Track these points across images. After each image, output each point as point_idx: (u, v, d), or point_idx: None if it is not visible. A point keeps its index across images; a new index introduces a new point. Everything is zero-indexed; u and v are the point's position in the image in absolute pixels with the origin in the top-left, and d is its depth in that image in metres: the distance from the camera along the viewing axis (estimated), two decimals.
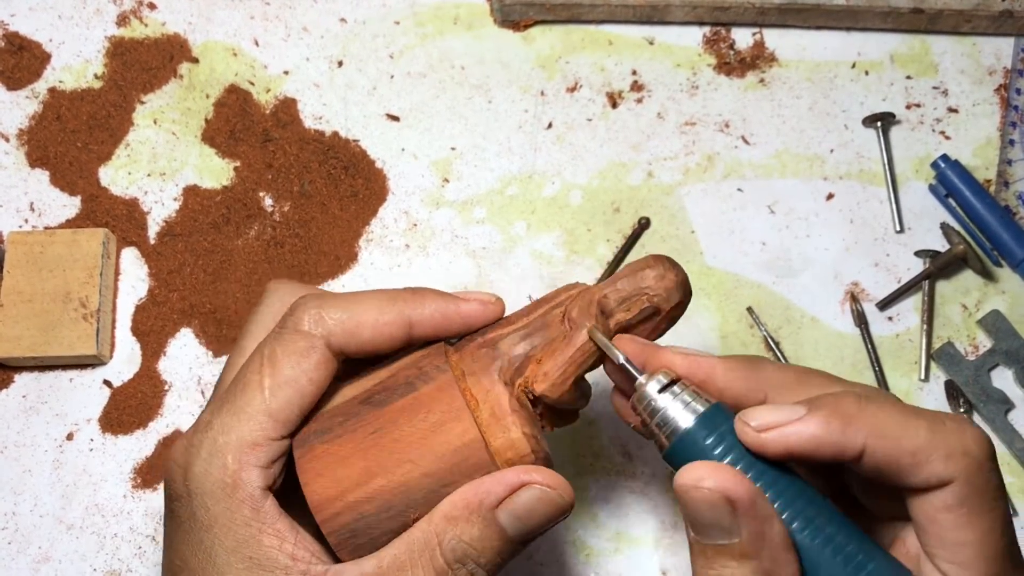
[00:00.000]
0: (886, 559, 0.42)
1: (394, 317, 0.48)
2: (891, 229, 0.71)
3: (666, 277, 0.48)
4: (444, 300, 0.49)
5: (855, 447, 0.41)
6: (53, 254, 0.66)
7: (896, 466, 0.41)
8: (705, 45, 0.75)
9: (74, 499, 0.64)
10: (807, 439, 0.41)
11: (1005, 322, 0.68)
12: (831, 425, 0.41)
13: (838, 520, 0.42)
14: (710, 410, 0.43)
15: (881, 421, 0.42)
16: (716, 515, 0.41)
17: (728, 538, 0.41)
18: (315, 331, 0.47)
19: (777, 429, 0.42)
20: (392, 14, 0.75)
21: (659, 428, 0.44)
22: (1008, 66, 0.75)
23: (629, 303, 0.48)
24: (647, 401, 0.44)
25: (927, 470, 0.41)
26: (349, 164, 0.71)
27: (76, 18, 0.74)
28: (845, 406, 0.42)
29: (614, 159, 0.72)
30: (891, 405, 0.43)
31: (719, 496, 0.41)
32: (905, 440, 0.41)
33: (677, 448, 0.43)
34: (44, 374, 0.66)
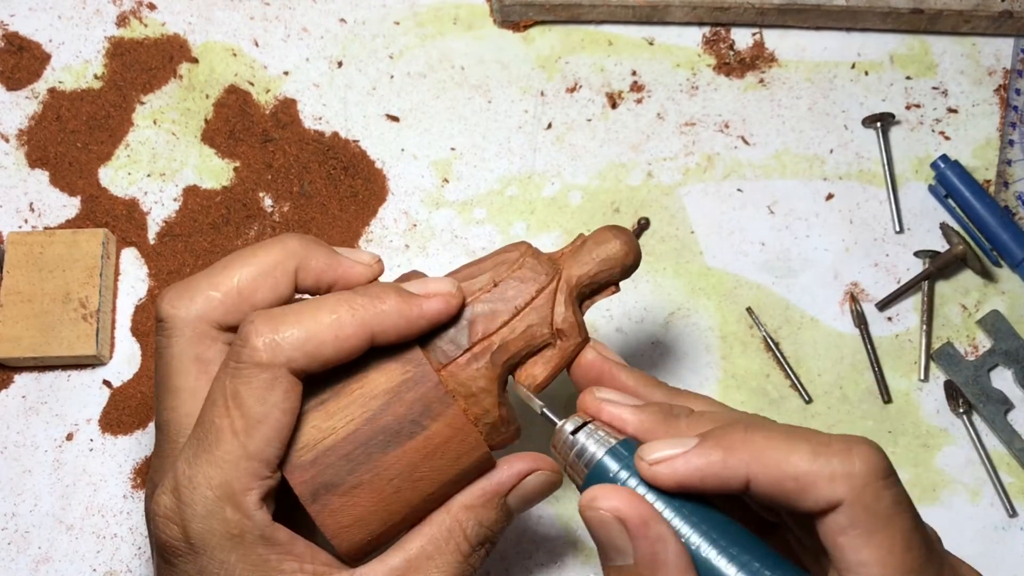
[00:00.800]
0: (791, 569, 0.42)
1: (355, 330, 0.46)
2: (891, 229, 0.71)
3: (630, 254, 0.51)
4: (405, 302, 0.47)
5: (739, 477, 0.42)
6: (53, 254, 0.66)
7: (782, 493, 0.41)
8: (705, 45, 0.75)
9: (74, 499, 0.64)
10: (693, 471, 0.42)
11: (1005, 322, 0.68)
12: (713, 456, 0.42)
13: (744, 539, 0.43)
14: (621, 443, 0.45)
15: (764, 448, 0.42)
16: (609, 535, 0.42)
17: (623, 559, 0.42)
18: (275, 360, 0.45)
19: (668, 462, 0.43)
20: (392, 14, 0.75)
21: (575, 464, 0.46)
22: (1008, 66, 0.75)
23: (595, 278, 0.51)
24: (563, 439, 0.47)
25: (813, 494, 0.41)
26: (349, 164, 0.71)
27: (76, 18, 0.74)
28: (730, 436, 0.43)
29: (614, 159, 0.72)
30: (779, 432, 0.43)
31: (610, 516, 0.42)
32: (787, 466, 0.41)
33: (589, 479, 0.45)
34: (44, 374, 0.66)
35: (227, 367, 0.45)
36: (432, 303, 0.48)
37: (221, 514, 0.44)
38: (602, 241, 0.51)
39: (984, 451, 0.66)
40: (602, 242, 0.51)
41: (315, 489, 0.46)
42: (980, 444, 0.66)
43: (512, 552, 0.63)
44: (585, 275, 0.50)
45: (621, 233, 0.51)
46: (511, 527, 0.63)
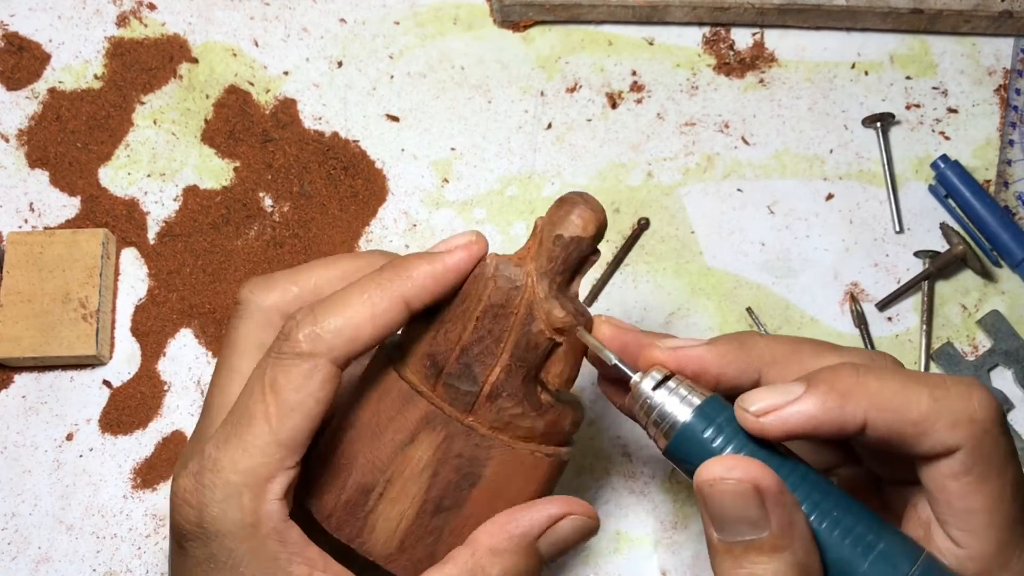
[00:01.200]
0: (896, 537, 0.41)
1: (389, 304, 0.46)
2: (891, 229, 0.71)
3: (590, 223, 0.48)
4: (430, 262, 0.47)
5: (856, 422, 0.40)
6: (53, 254, 0.66)
7: (900, 437, 0.40)
8: (705, 45, 0.75)
9: (74, 499, 0.64)
10: (807, 419, 0.40)
11: (1004, 322, 0.68)
12: (829, 402, 0.40)
13: (845, 503, 0.41)
14: (706, 402, 0.43)
15: (880, 392, 0.40)
16: (744, 508, 0.40)
17: (757, 532, 0.40)
18: (316, 350, 0.45)
19: (775, 412, 0.41)
20: (392, 14, 0.75)
21: (656, 425, 0.44)
22: (1008, 66, 0.75)
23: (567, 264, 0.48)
24: (643, 399, 0.44)
25: (932, 439, 0.40)
26: (349, 164, 0.71)
27: (76, 18, 0.74)
28: (843, 380, 0.41)
29: (614, 159, 0.72)
30: (891, 374, 0.41)
31: (748, 487, 0.40)
32: (907, 411, 0.40)
33: (676, 443, 0.43)
34: (44, 374, 0.66)
35: (268, 357, 0.46)
36: (455, 256, 0.47)
37: (239, 500, 0.44)
38: (557, 222, 0.48)
39: None
40: (557, 222, 0.48)
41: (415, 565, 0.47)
42: None
43: None
44: (554, 267, 0.48)
45: (575, 204, 0.48)
46: None
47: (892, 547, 0.40)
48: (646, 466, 0.65)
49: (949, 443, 0.40)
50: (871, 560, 0.40)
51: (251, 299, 0.50)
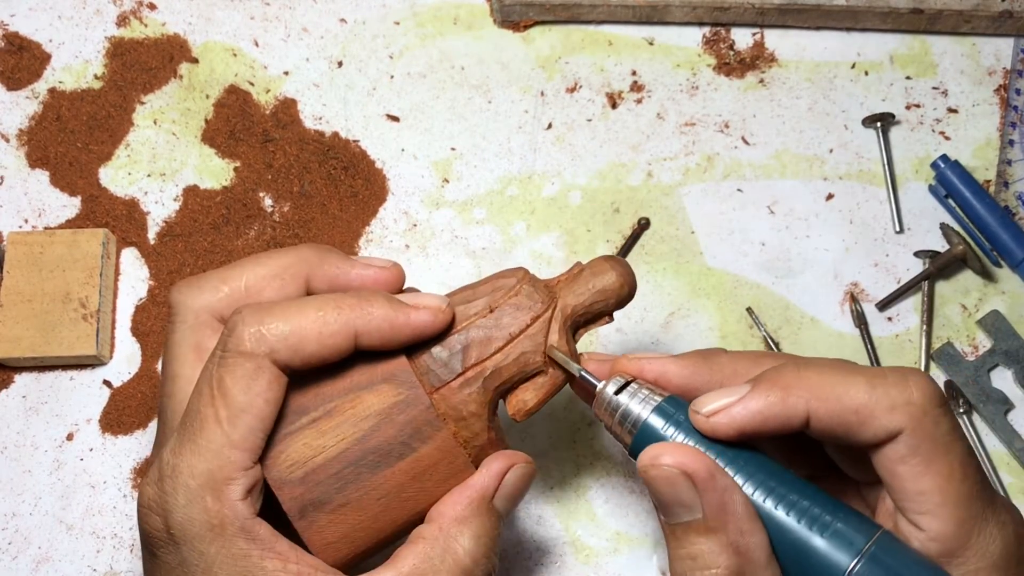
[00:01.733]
0: (853, 515, 0.42)
1: (339, 328, 0.46)
2: (891, 229, 0.71)
3: (624, 285, 0.51)
4: (393, 309, 0.47)
5: (799, 414, 0.42)
6: (53, 254, 0.66)
7: (843, 426, 0.42)
8: (705, 45, 0.75)
9: (74, 499, 0.64)
10: (752, 415, 0.43)
11: (1005, 322, 0.68)
12: (771, 397, 0.42)
13: (799, 486, 0.43)
14: (665, 400, 0.45)
15: (820, 384, 0.42)
16: (676, 491, 0.42)
17: (691, 514, 0.42)
18: (258, 350, 0.45)
19: (724, 411, 0.43)
20: (392, 14, 0.75)
21: (620, 426, 0.46)
22: (1008, 66, 0.75)
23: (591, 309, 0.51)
24: (606, 403, 0.47)
25: (873, 425, 0.42)
26: (349, 164, 0.71)
27: (76, 18, 0.74)
28: (784, 376, 0.43)
29: (614, 159, 0.72)
30: (831, 367, 0.43)
31: (676, 472, 0.42)
32: (846, 399, 0.42)
33: (638, 440, 0.45)
34: (44, 374, 0.66)
35: (214, 356, 0.46)
36: (420, 314, 0.48)
37: (202, 503, 0.44)
38: (599, 272, 0.51)
39: (984, 451, 0.66)
40: (599, 273, 0.51)
41: (303, 506, 0.46)
42: (980, 444, 0.66)
43: (512, 552, 0.63)
44: (580, 305, 0.50)
45: (618, 265, 0.51)
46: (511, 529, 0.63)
47: (848, 525, 0.42)
48: None
49: (890, 427, 0.42)
50: (826, 536, 0.42)
51: (181, 301, 0.50)
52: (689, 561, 0.42)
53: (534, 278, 0.51)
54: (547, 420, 0.66)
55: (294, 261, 0.50)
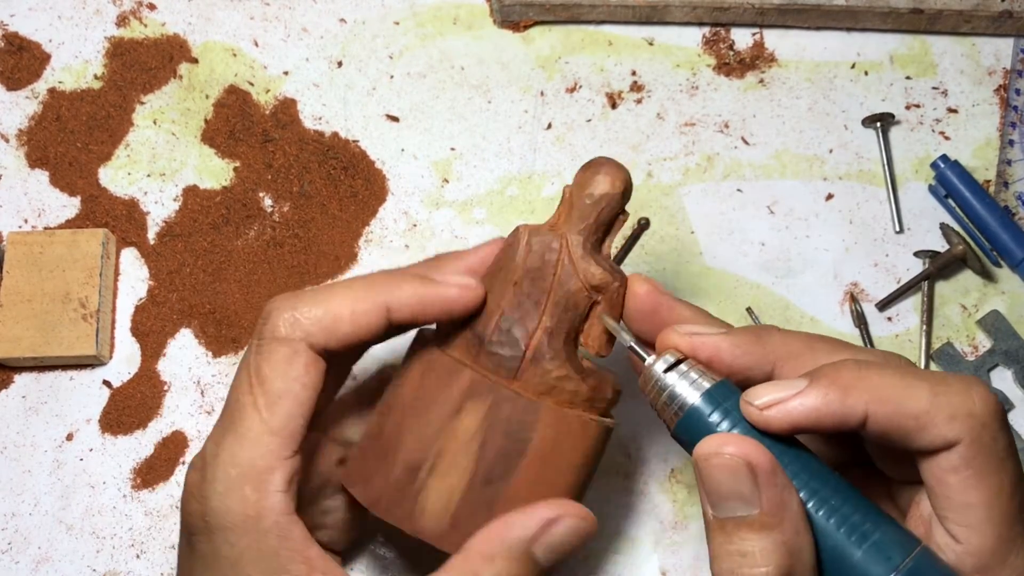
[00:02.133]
0: (893, 527, 0.41)
1: (370, 305, 0.46)
2: (891, 229, 0.71)
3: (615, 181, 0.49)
4: (423, 284, 0.47)
5: (857, 415, 0.41)
6: (53, 254, 0.66)
7: (900, 430, 0.41)
8: (705, 45, 0.75)
9: (74, 500, 0.64)
10: (809, 411, 0.41)
11: (1005, 322, 0.68)
12: (830, 395, 0.41)
13: (844, 491, 0.42)
14: (715, 386, 0.44)
15: (881, 387, 0.41)
16: (737, 484, 0.41)
17: (748, 509, 0.41)
18: (293, 335, 0.45)
19: (779, 405, 0.41)
20: (392, 14, 0.75)
21: (666, 407, 0.44)
22: (1008, 66, 0.75)
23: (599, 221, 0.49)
24: (653, 381, 0.45)
25: (931, 433, 0.40)
26: (349, 164, 0.71)
27: (76, 18, 0.74)
28: (844, 375, 0.42)
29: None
30: (893, 369, 0.42)
31: (740, 463, 0.40)
32: (907, 404, 0.41)
33: (683, 424, 0.44)
34: (44, 374, 0.66)
35: (251, 346, 0.46)
36: (450, 290, 0.47)
37: (240, 492, 0.44)
38: (586, 184, 0.49)
39: None
40: (586, 185, 0.49)
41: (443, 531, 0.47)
42: None
43: None
44: (587, 224, 0.49)
45: (600, 166, 0.49)
46: None
47: (887, 538, 0.41)
48: (646, 466, 0.65)
49: (948, 437, 0.40)
50: (865, 548, 0.41)
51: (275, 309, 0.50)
52: (739, 558, 0.41)
53: (535, 228, 0.50)
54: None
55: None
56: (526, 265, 0.49)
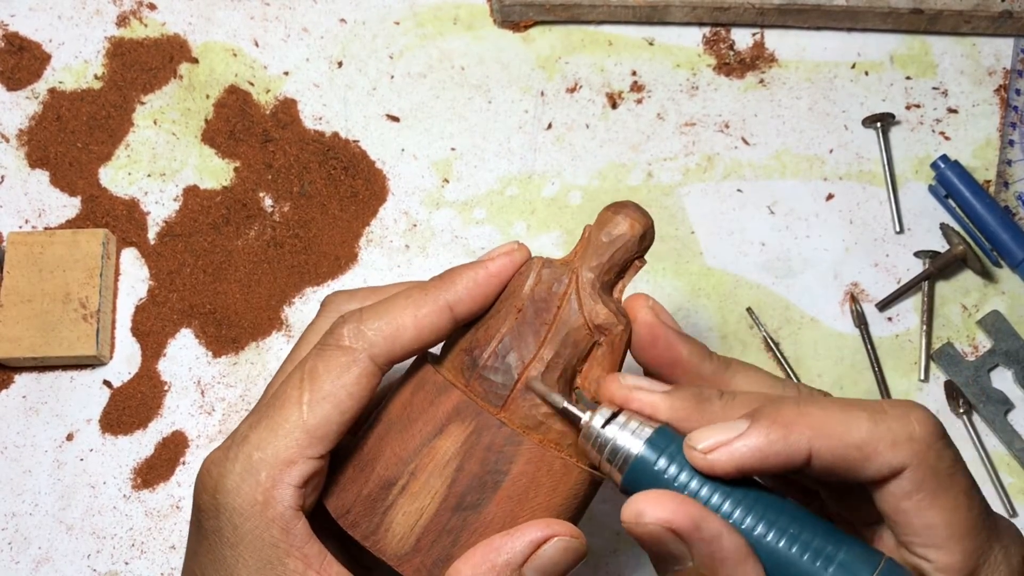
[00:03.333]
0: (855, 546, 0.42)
1: (431, 308, 0.47)
2: (891, 229, 0.71)
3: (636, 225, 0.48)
4: (472, 269, 0.48)
5: (801, 452, 0.41)
6: (53, 254, 0.66)
7: (845, 463, 0.41)
8: (705, 46, 0.75)
9: (74, 500, 0.64)
10: (753, 452, 0.41)
11: (1005, 322, 0.68)
12: (773, 434, 0.41)
13: (802, 518, 0.42)
14: (656, 432, 0.43)
15: (822, 421, 0.41)
16: (664, 547, 0.41)
17: (681, 564, 0.41)
18: (356, 344, 0.46)
19: (723, 448, 0.41)
20: (392, 14, 0.75)
21: (609, 463, 0.44)
22: (1008, 66, 0.75)
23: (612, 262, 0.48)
24: (594, 436, 0.44)
25: (876, 461, 0.41)
26: (349, 165, 0.71)
27: (76, 18, 0.74)
28: (785, 412, 0.42)
29: (614, 159, 0.72)
30: (831, 403, 0.42)
31: (660, 528, 0.41)
32: (848, 435, 0.41)
33: (631, 477, 0.43)
34: (44, 374, 0.66)
35: (313, 350, 0.47)
36: (497, 262, 0.48)
37: (256, 476, 0.45)
38: (605, 223, 0.48)
39: (984, 451, 0.66)
40: (605, 224, 0.48)
41: (429, 570, 0.46)
42: (980, 444, 0.66)
43: None
44: (601, 264, 0.48)
45: (622, 208, 0.48)
46: None
47: (851, 555, 0.41)
48: None
49: (894, 463, 0.41)
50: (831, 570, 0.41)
51: (332, 302, 0.51)
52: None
53: (548, 260, 0.49)
54: None
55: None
56: (533, 295, 0.48)
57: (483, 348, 0.47)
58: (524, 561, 0.45)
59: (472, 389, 0.47)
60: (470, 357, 0.47)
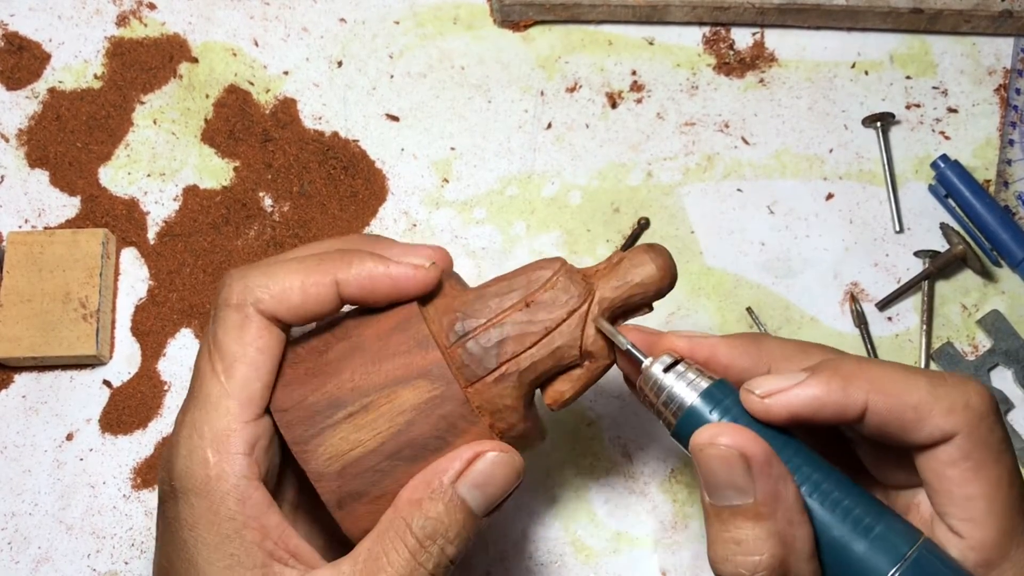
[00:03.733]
0: (894, 519, 0.42)
1: (320, 277, 0.46)
2: (891, 229, 0.71)
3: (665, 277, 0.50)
4: (373, 261, 0.47)
5: (857, 405, 0.42)
6: (53, 254, 0.66)
7: (899, 422, 0.42)
8: (705, 45, 0.75)
9: (74, 499, 0.64)
10: (810, 400, 0.42)
11: (1005, 322, 0.68)
12: (832, 385, 0.42)
13: (845, 485, 0.42)
14: (714, 385, 0.44)
15: (881, 379, 0.42)
16: (731, 473, 0.41)
17: (743, 498, 0.41)
18: (244, 300, 0.46)
19: (780, 394, 0.42)
20: (392, 14, 0.75)
21: (665, 407, 0.45)
22: (1008, 66, 0.75)
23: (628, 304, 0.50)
24: (652, 381, 0.45)
25: (930, 424, 0.41)
26: (349, 164, 0.71)
27: (76, 18, 0.74)
28: (846, 367, 0.42)
29: (614, 159, 0.72)
30: (891, 365, 0.43)
31: (735, 453, 0.41)
32: (906, 395, 0.41)
33: (683, 423, 0.44)
34: (44, 374, 0.66)
35: (210, 315, 0.48)
36: (402, 268, 0.47)
37: (202, 455, 0.45)
38: (638, 263, 0.49)
39: None
40: (638, 264, 0.49)
41: (341, 498, 0.47)
42: None
43: (512, 552, 0.63)
44: (619, 298, 0.49)
45: (658, 256, 0.50)
46: (511, 530, 0.63)
47: (891, 530, 0.41)
48: (646, 466, 0.65)
49: (946, 428, 0.41)
50: (869, 540, 0.41)
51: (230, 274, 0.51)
52: (733, 545, 0.41)
53: (571, 269, 0.50)
54: (547, 421, 0.66)
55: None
56: (544, 296, 0.49)
57: (477, 321, 0.48)
58: (457, 477, 0.46)
59: (451, 354, 0.48)
60: (461, 324, 0.48)
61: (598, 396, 0.66)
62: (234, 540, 0.45)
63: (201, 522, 0.45)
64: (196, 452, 0.45)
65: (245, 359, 0.46)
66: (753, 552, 0.41)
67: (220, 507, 0.45)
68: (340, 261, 0.47)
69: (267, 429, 0.47)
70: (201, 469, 0.45)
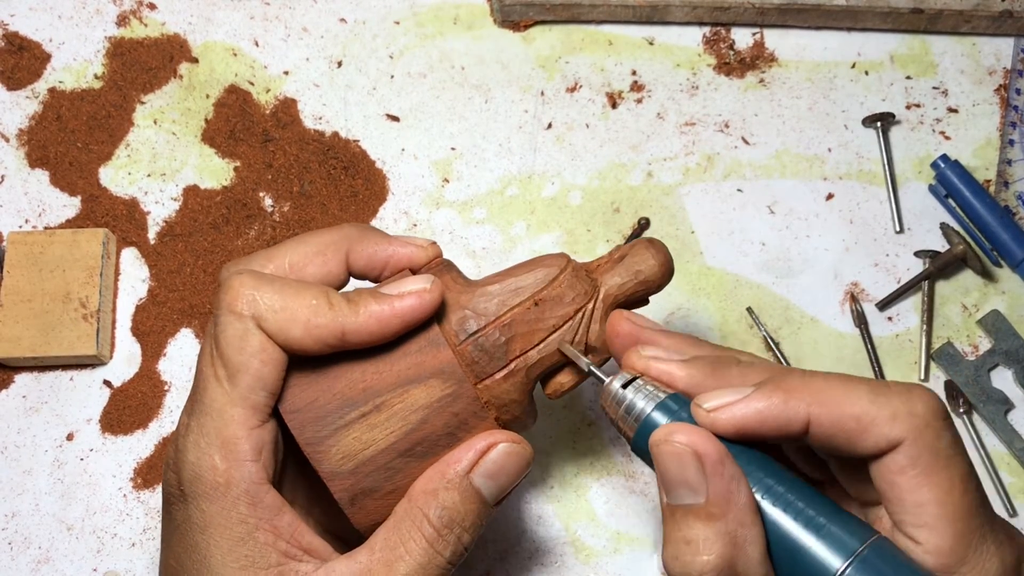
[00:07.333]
0: (848, 519, 0.42)
1: (327, 322, 0.46)
2: (891, 229, 0.71)
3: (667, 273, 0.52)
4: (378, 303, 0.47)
5: (799, 418, 0.42)
6: (53, 254, 0.66)
7: (843, 434, 0.42)
8: (705, 45, 0.75)
9: (74, 499, 0.64)
10: (753, 414, 0.42)
11: (1005, 322, 0.68)
12: (774, 399, 0.42)
13: (799, 488, 0.43)
14: (669, 397, 0.46)
15: (822, 391, 0.42)
16: (684, 471, 0.42)
17: (695, 497, 0.42)
18: (246, 312, 0.46)
19: (726, 408, 0.43)
20: (392, 14, 0.75)
21: (623, 421, 0.46)
22: (1008, 66, 0.75)
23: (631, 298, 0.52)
24: (611, 396, 0.47)
25: (874, 433, 0.41)
26: (349, 164, 0.71)
27: (76, 18, 0.74)
28: (789, 381, 0.43)
29: (614, 159, 0.72)
30: (835, 377, 0.43)
31: (688, 450, 0.42)
32: (846, 406, 0.42)
33: (641, 434, 0.45)
34: (44, 374, 0.66)
35: (213, 314, 0.47)
36: (404, 301, 0.47)
37: (210, 461, 0.45)
38: (641, 259, 0.51)
39: (984, 451, 0.66)
40: (640, 259, 0.51)
41: (354, 495, 0.47)
42: (980, 444, 0.66)
43: (512, 552, 0.63)
44: (622, 293, 0.51)
45: (658, 252, 0.52)
46: (511, 529, 0.63)
47: (842, 528, 0.42)
48: (646, 466, 0.65)
49: (891, 436, 0.41)
50: (820, 538, 0.41)
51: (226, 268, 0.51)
52: (684, 545, 0.42)
53: (577, 266, 0.51)
54: (547, 420, 0.66)
55: (337, 239, 0.51)
56: (551, 293, 0.50)
57: (486, 318, 0.49)
58: (471, 468, 0.48)
59: (462, 352, 0.49)
60: (470, 322, 0.49)
61: (598, 396, 0.66)
62: (247, 542, 0.45)
63: (213, 526, 0.45)
64: (204, 459, 0.45)
65: (249, 370, 0.46)
66: (702, 552, 0.41)
67: (232, 512, 0.45)
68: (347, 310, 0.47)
69: (273, 430, 0.47)
70: (210, 475, 0.45)
